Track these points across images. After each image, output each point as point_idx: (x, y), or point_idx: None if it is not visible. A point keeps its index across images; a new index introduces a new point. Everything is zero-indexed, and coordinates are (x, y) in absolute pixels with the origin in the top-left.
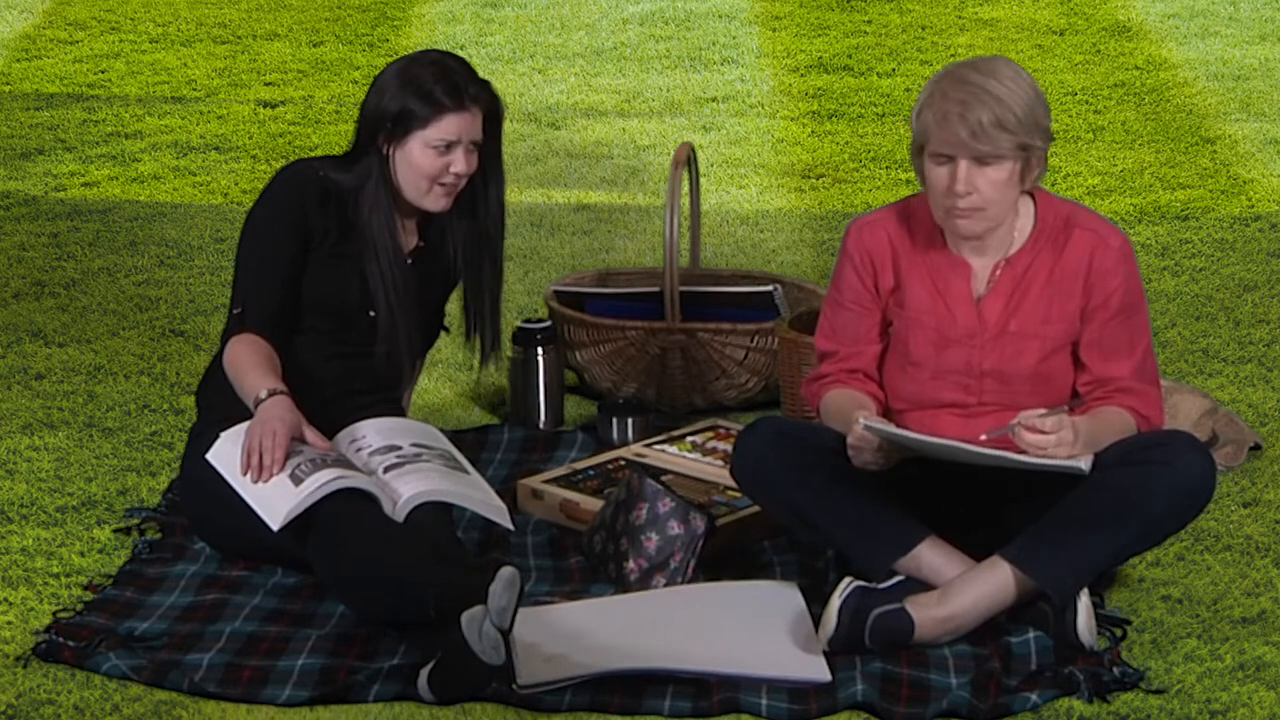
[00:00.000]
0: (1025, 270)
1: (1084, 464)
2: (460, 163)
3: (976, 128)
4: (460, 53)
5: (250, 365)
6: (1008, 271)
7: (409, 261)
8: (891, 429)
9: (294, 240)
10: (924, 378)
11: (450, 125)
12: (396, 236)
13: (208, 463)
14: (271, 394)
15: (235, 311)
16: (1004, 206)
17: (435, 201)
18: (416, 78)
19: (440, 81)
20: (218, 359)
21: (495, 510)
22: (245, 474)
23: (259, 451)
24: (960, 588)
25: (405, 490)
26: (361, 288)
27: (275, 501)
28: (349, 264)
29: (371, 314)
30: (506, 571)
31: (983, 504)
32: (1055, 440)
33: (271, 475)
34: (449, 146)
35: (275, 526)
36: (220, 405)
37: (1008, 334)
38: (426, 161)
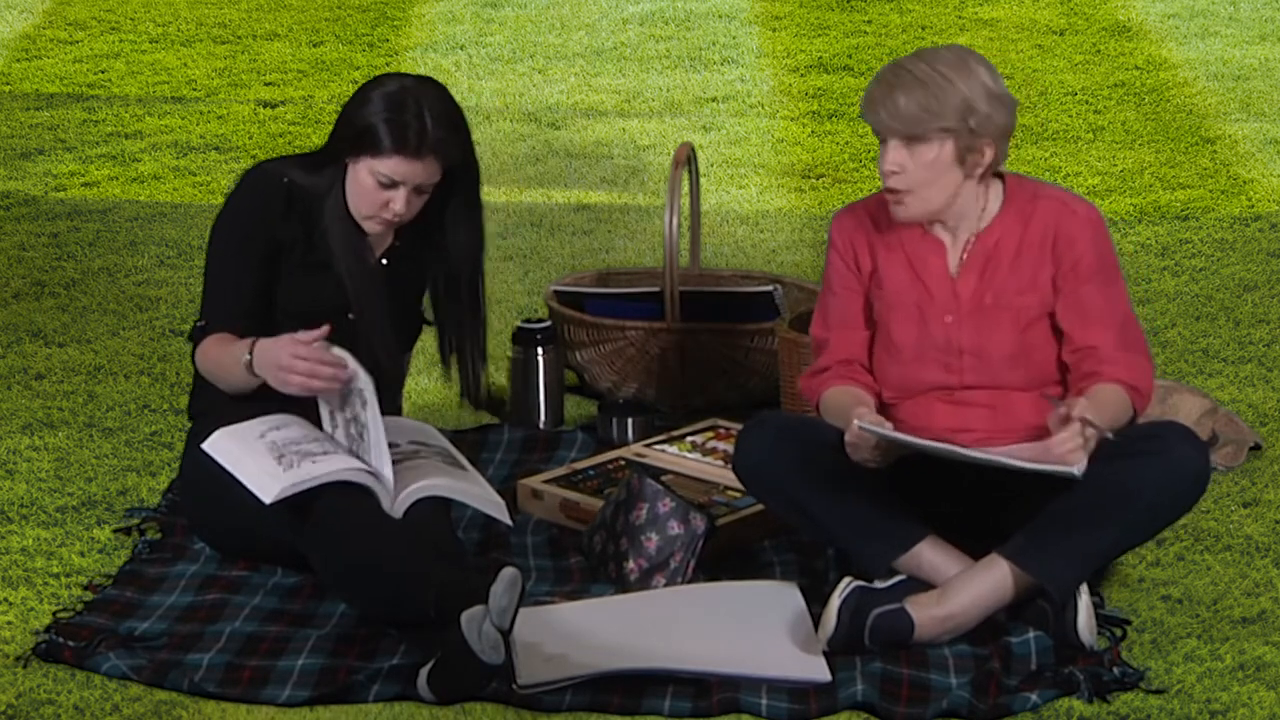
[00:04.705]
0: (995, 244)
1: (1076, 468)
2: (400, 203)
3: (893, 108)
4: (460, 53)
5: (223, 349)
6: (978, 246)
7: (383, 262)
8: (887, 431)
9: (260, 252)
10: (907, 359)
11: (396, 166)
12: (359, 246)
13: (206, 464)
14: (254, 344)
15: (199, 324)
16: (937, 190)
17: (371, 226)
18: (396, 107)
19: (414, 121)
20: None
21: (494, 506)
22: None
23: (306, 376)
24: (959, 586)
25: (405, 486)
26: (336, 292)
27: (268, 481)
28: (321, 271)
29: (350, 316)
30: (508, 572)
31: (981, 501)
32: (1070, 438)
33: (329, 379)
34: (392, 184)
35: (268, 500)
36: (214, 411)
37: (984, 308)
38: (369, 188)
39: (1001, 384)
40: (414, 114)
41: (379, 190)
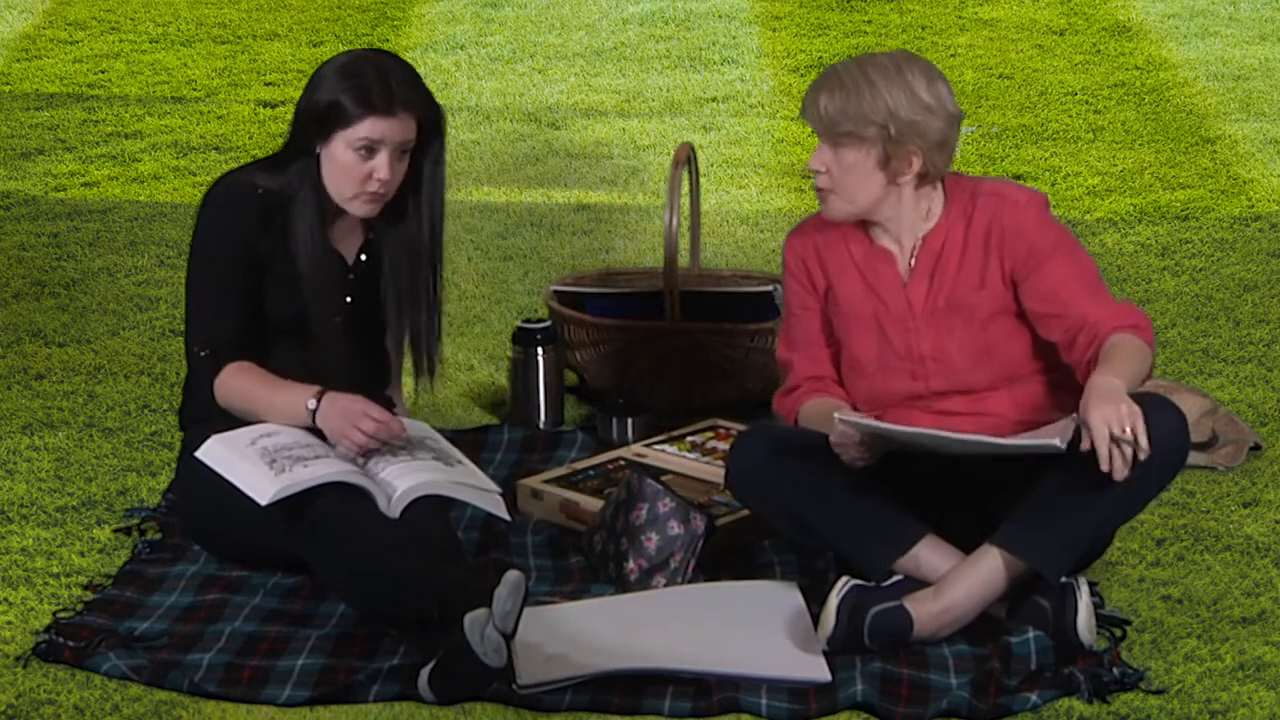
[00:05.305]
0: (941, 246)
1: (1059, 440)
2: (384, 169)
3: (815, 109)
4: (460, 53)
5: (266, 387)
6: (924, 251)
7: (362, 257)
8: (867, 422)
9: (243, 269)
10: (871, 372)
11: (374, 127)
12: (326, 244)
13: (202, 472)
14: (319, 396)
15: (202, 354)
16: (860, 193)
17: (359, 207)
18: (353, 74)
19: (376, 82)
20: (191, 383)
21: (491, 500)
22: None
23: (369, 437)
24: (953, 579)
25: (398, 485)
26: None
27: (264, 484)
28: (301, 280)
29: (337, 320)
30: (512, 576)
31: (975, 495)
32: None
33: (381, 439)
34: (371, 149)
35: (264, 501)
36: (206, 419)
37: (937, 311)
38: (350, 163)
39: (969, 386)
40: (374, 76)
41: (360, 162)
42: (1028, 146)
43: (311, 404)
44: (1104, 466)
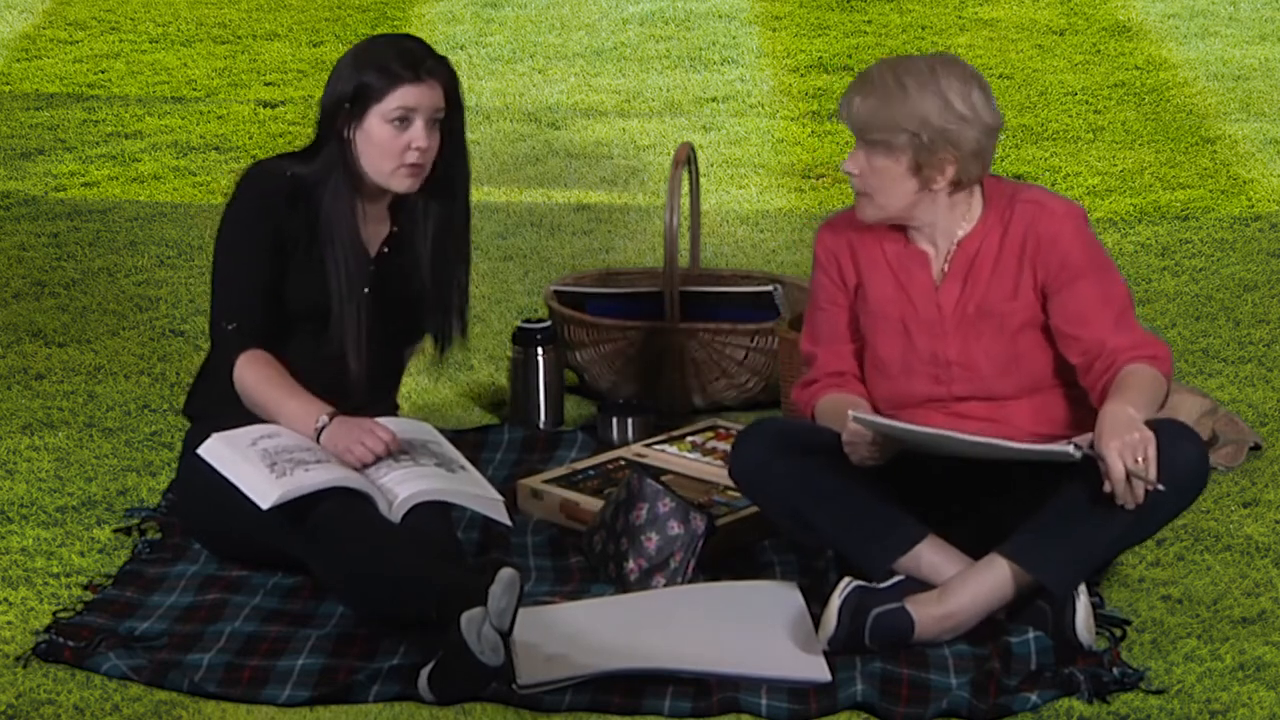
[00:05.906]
0: (976, 252)
1: (1072, 448)
2: (421, 138)
3: (849, 111)
4: (460, 53)
5: (281, 389)
6: (959, 255)
7: (385, 250)
8: (881, 420)
9: (270, 249)
10: (895, 373)
11: (407, 95)
12: (357, 228)
13: (204, 470)
14: (331, 416)
15: (230, 327)
16: (892, 198)
17: (400, 181)
18: (371, 56)
19: (396, 57)
20: (204, 370)
21: (492, 505)
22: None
23: (369, 455)
24: (959, 585)
25: (400, 490)
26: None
27: (266, 487)
28: (324, 265)
29: (354, 310)
30: (506, 573)
31: (981, 500)
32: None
33: (388, 455)
34: (406, 119)
35: (266, 505)
36: (211, 414)
37: (967, 317)
38: (386, 137)
39: (993, 394)
40: (392, 53)
41: (396, 135)
42: (1028, 146)
43: (323, 420)
44: (1119, 501)
